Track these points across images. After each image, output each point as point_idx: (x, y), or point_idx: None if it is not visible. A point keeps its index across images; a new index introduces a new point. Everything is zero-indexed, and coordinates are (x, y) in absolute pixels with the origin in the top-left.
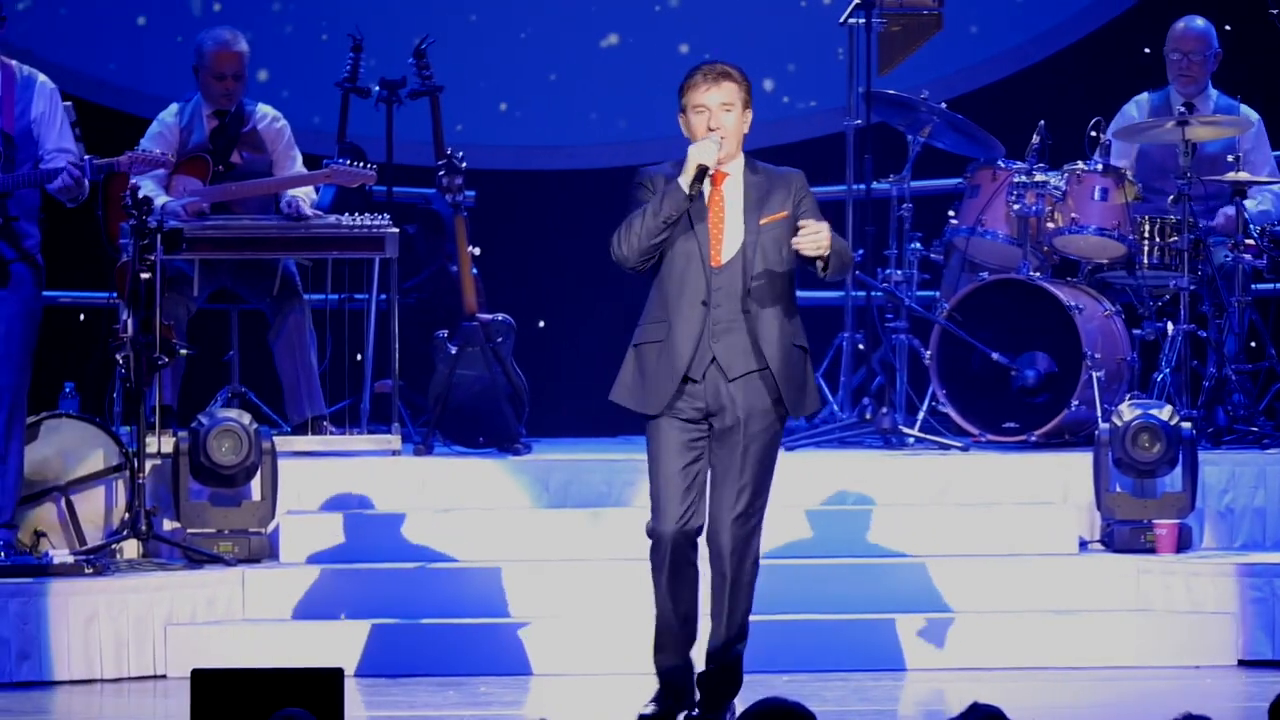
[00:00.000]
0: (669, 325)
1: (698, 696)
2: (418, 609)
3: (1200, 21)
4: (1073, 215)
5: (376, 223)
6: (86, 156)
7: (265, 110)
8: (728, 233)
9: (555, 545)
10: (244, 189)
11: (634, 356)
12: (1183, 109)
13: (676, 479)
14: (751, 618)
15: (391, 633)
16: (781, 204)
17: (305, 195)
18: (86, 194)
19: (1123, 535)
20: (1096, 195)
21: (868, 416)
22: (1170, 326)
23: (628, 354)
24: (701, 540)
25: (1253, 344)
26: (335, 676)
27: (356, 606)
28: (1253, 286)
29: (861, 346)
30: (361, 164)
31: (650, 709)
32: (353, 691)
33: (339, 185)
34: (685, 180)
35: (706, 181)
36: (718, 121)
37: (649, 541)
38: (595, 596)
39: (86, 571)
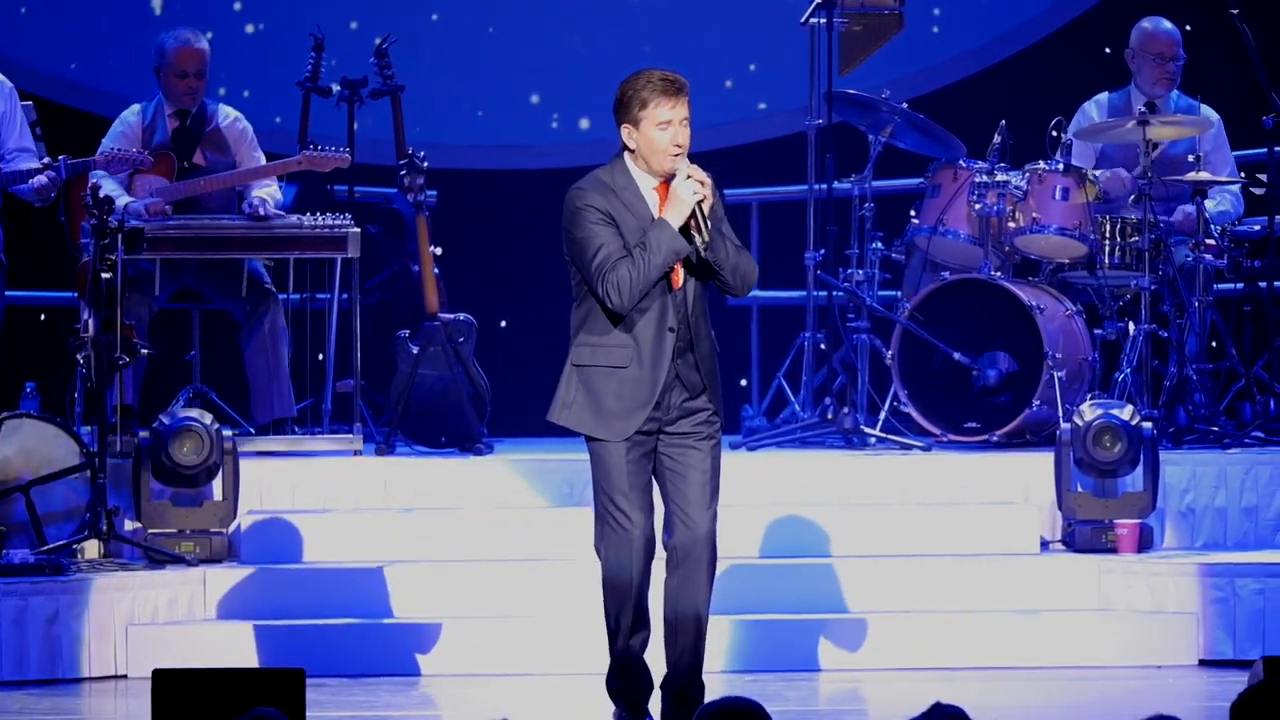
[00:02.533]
0: (635, 351)
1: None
2: (379, 609)
3: (1168, 24)
4: (1034, 215)
5: (338, 222)
6: (61, 156)
7: (227, 111)
8: None
9: (517, 545)
10: (210, 183)
11: (580, 378)
12: (1143, 109)
13: (636, 494)
14: (716, 618)
15: (353, 633)
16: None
17: (270, 196)
18: (54, 197)
19: (1084, 535)
20: (1057, 195)
21: (829, 416)
22: (1131, 326)
23: (569, 373)
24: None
25: (1214, 344)
26: (297, 677)
27: (318, 607)
28: (1214, 286)
29: (823, 346)
30: (334, 148)
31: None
32: (315, 692)
33: (308, 180)
34: (678, 222)
35: (654, 195)
36: (683, 138)
37: (607, 565)
38: (557, 596)
39: (47, 571)
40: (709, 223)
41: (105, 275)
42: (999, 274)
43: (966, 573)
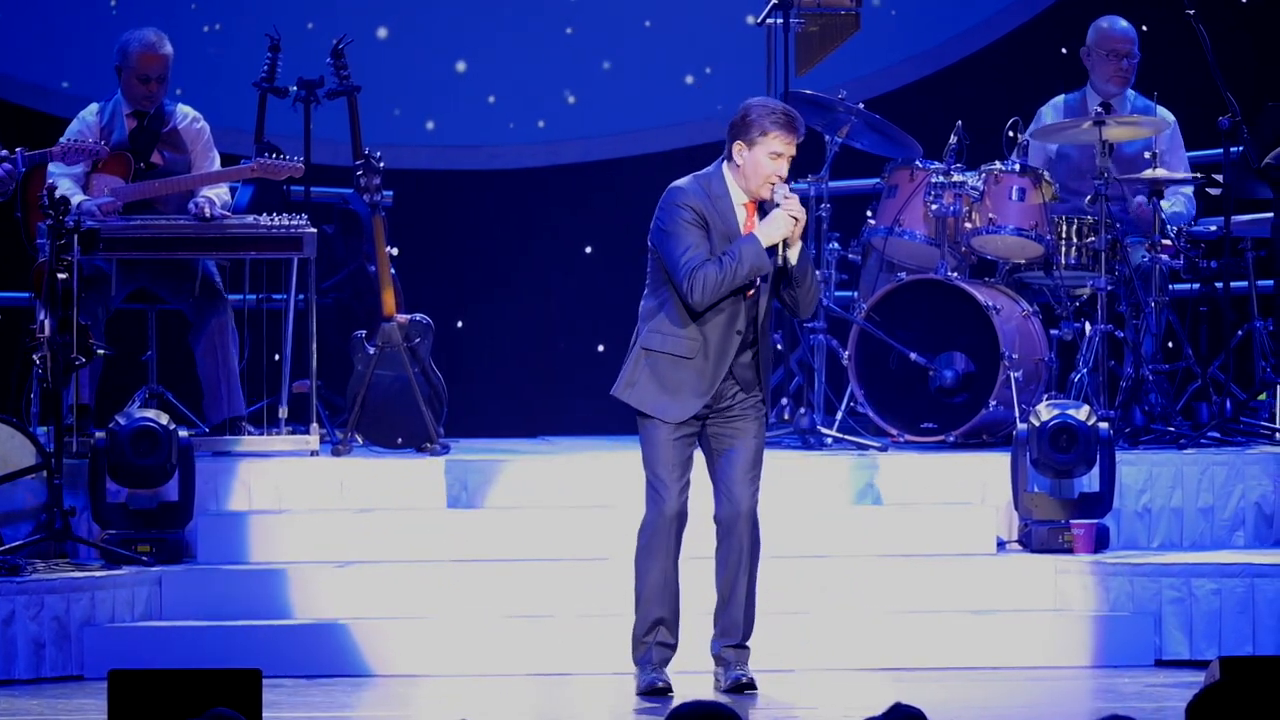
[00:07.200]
0: (702, 346)
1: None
2: (336, 609)
3: (1124, 22)
4: (990, 215)
5: (294, 223)
6: (18, 149)
7: (185, 110)
8: None
9: (473, 545)
10: (165, 185)
11: (647, 361)
12: (1099, 109)
13: (676, 470)
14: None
15: (309, 633)
16: None
17: (217, 196)
18: (11, 190)
19: (1040, 535)
20: (1014, 195)
21: (786, 417)
22: (1088, 327)
23: (637, 355)
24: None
25: (1170, 344)
26: (254, 677)
27: (275, 607)
28: (1170, 287)
29: (780, 347)
30: (286, 156)
31: (649, 683)
32: (271, 692)
33: (264, 180)
34: (767, 242)
35: (743, 211)
36: (784, 171)
37: (644, 527)
38: (512, 596)
39: (3, 572)
40: (797, 247)
41: (61, 275)
42: (955, 274)
43: (923, 573)
